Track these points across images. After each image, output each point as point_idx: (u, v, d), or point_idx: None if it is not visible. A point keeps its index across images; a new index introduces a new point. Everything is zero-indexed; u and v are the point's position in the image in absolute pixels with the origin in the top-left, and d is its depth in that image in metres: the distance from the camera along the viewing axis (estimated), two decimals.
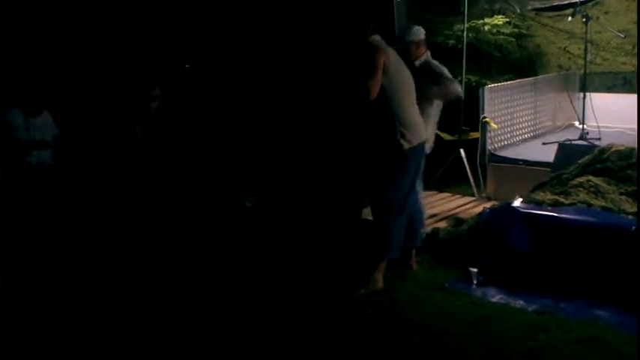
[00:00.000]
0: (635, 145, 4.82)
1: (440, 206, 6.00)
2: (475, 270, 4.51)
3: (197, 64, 8.12)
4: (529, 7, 8.02)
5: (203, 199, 6.35)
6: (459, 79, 6.75)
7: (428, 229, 5.21)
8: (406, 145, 4.29)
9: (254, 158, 6.92)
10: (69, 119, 6.63)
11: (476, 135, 6.37)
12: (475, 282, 4.46)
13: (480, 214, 4.87)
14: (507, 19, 7.71)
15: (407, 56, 4.81)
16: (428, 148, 4.80)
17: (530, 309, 4.07)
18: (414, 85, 4.50)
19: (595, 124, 6.69)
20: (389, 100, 4.27)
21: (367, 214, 4.89)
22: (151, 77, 7.63)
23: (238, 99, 7.65)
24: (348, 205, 5.79)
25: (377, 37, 4.44)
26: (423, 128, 4.51)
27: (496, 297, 4.27)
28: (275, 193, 6.36)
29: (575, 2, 7.25)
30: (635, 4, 7.30)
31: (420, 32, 4.93)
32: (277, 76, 7.37)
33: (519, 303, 4.15)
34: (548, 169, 5.29)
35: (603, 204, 4.43)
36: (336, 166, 6.22)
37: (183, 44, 7.93)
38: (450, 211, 5.80)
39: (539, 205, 4.55)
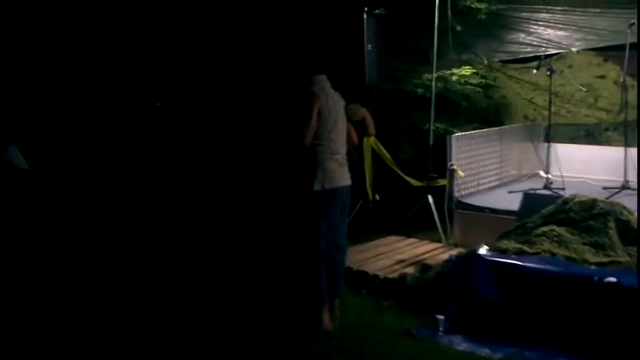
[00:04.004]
0: (596, 197, 4.96)
1: (408, 252, 6.03)
2: (442, 317, 4.53)
3: (168, 102, 8.22)
4: (496, 59, 8.24)
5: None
6: (428, 126, 6.92)
7: (395, 274, 5.25)
8: (317, 187, 4.39)
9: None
10: (38, 154, 6.63)
11: (443, 182, 6.46)
12: (442, 329, 4.48)
13: (446, 261, 4.92)
14: (474, 70, 7.90)
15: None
16: None
17: (495, 357, 4.10)
18: (345, 128, 4.64)
19: (559, 173, 6.86)
20: (314, 140, 4.41)
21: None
22: (120, 114, 7.70)
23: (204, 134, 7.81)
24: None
25: (320, 78, 4.57)
26: (344, 176, 4.57)
27: (462, 345, 4.29)
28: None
29: (540, 55, 7.49)
30: (597, 60, 7.58)
31: None
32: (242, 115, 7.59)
33: (485, 351, 4.18)
34: (514, 218, 5.38)
35: (566, 254, 4.52)
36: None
37: (156, 82, 8.04)
38: (417, 256, 5.84)
39: (504, 253, 4.62)
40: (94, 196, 6.89)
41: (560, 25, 7.55)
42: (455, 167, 6.29)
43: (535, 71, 7.19)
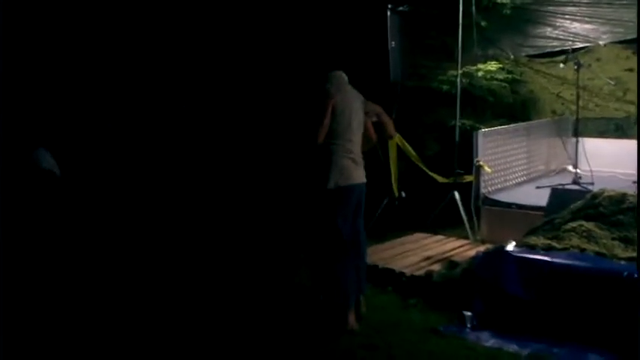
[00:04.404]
0: (626, 191, 4.88)
1: (434, 249, 6.01)
2: (469, 313, 4.50)
3: (193, 103, 8.31)
4: (522, 54, 8.16)
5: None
6: (453, 123, 6.88)
7: (422, 271, 5.23)
8: (331, 184, 4.38)
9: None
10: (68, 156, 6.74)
11: (470, 178, 6.41)
12: (469, 326, 4.45)
13: (473, 258, 4.89)
14: (501, 65, 7.83)
15: None
16: None
17: (523, 354, 4.06)
18: (361, 126, 4.60)
19: (588, 168, 6.77)
20: (329, 138, 4.40)
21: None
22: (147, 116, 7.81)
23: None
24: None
25: (336, 75, 4.56)
26: (359, 173, 4.55)
27: (490, 341, 4.26)
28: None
29: (567, 49, 7.40)
30: (625, 53, 7.47)
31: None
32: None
33: (513, 347, 4.15)
34: (542, 213, 5.33)
35: (596, 249, 4.46)
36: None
37: (178, 83, 8.13)
38: (444, 253, 5.81)
39: (533, 249, 4.58)
40: (119, 196, 7.00)
41: (587, 19, 7.43)
42: (481, 163, 6.25)
43: (562, 65, 7.11)
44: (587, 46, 7.66)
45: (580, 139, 7.01)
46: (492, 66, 7.75)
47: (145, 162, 7.51)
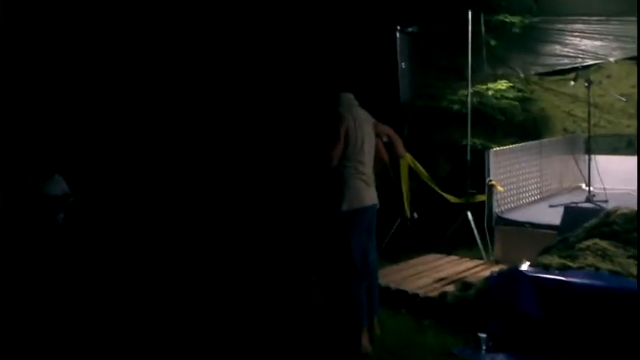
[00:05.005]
0: None
1: (448, 269, 5.97)
2: (484, 335, 4.46)
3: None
4: (532, 72, 8.14)
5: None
6: (464, 142, 6.86)
7: (435, 293, 5.19)
8: (344, 207, 4.37)
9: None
10: (82, 180, 6.77)
11: (482, 198, 6.38)
12: (484, 348, 4.41)
13: (487, 278, 4.85)
14: (511, 84, 7.83)
15: None
16: None
17: None
18: (372, 147, 4.62)
19: (601, 186, 6.72)
20: (341, 160, 4.41)
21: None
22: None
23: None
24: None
25: (346, 97, 4.57)
26: (371, 195, 4.55)
27: None
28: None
29: (578, 67, 7.38)
30: (636, 69, 7.43)
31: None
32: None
33: None
34: (555, 232, 5.29)
35: (611, 267, 4.41)
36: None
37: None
38: (457, 274, 5.78)
39: (547, 269, 4.54)
40: (122, 204, 7.02)
41: (596, 35, 7.40)
42: (493, 182, 6.22)
43: (572, 83, 7.09)
44: (597, 63, 7.63)
45: (592, 156, 6.98)
46: (502, 85, 7.75)
47: (151, 173, 7.53)
